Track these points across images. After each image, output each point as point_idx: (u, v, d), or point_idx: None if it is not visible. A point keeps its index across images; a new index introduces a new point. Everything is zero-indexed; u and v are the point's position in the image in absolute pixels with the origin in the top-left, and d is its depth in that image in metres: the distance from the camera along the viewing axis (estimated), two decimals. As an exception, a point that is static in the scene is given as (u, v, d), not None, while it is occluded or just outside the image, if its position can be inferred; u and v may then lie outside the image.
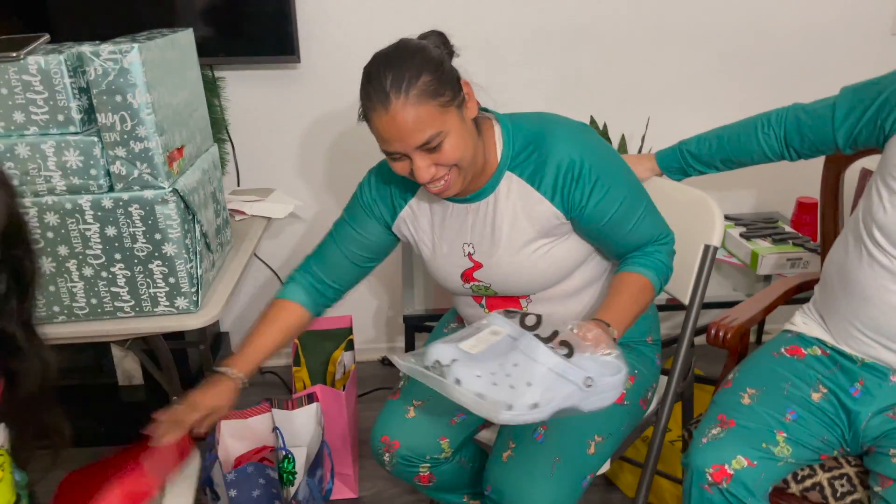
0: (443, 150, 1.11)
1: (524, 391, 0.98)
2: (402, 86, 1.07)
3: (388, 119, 1.08)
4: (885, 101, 1.21)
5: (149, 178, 1.23)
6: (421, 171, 1.12)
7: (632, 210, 1.25)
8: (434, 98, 1.09)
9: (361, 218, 1.34)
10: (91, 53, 1.15)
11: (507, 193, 1.23)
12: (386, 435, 1.34)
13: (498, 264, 1.26)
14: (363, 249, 1.35)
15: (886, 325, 1.22)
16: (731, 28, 2.13)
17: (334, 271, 1.35)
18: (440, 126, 1.10)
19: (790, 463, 1.21)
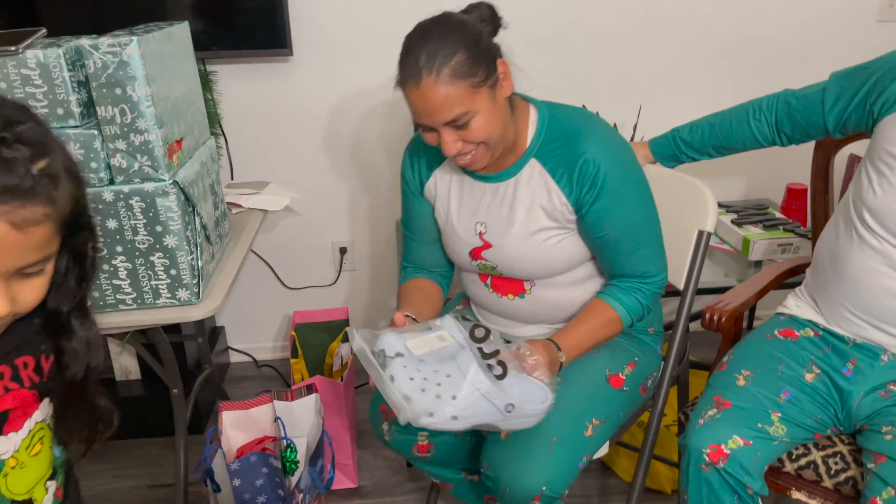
0: (470, 128, 1.15)
1: (447, 403, 1.03)
2: (435, 64, 1.10)
3: (418, 94, 1.12)
4: (874, 85, 1.24)
5: (149, 170, 1.23)
6: (447, 145, 1.17)
7: (631, 238, 1.27)
8: (465, 78, 1.11)
9: (411, 200, 1.40)
10: (90, 47, 1.15)
11: (528, 179, 1.27)
12: (384, 405, 1.34)
13: (507, 247, 1.29)
14: (427, 233, 1.42)
15: (877, 306, 1.25)
16: (721, 16, 2.15)
17: (427, 260, 1.45)
18: (468, 106, 1.13)
19: (785, 442, 1.23)
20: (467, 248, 1.33)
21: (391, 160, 2.25)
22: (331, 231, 2.34)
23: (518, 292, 1.35)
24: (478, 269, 1.36)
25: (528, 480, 1.20)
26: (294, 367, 1.98)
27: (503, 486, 1.22)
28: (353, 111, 2.17)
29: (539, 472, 1.20)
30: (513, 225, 1.28)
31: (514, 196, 1.28)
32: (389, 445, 1.38)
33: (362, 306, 2.48)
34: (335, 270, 2.39)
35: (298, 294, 2.42)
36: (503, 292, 1.37)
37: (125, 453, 2.06)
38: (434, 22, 1.16)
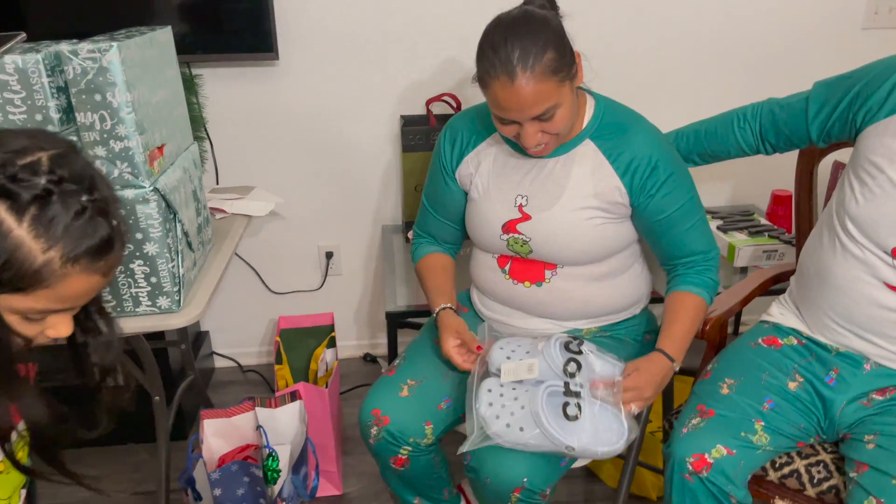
0: (554, 120, 1.19)
1: (514, 433, 1.17)
2: (530, 61, 1.13)
3: (511, 91, 1.14)
4: (857, 95, 1.24)
5: (129, 177, 1.22)
6: (529, 138, 1.20)
7: (689, 214, 1.34)
8: (556, 74, 1.15)
9: (441, 177, 1.44)
10: (69, 52, 1.13)
11: (581, 158, 1.31)
12: (378, 408, 1.35)
13: (548, 220, 1.31)
14: (448, 212, 1.48)
15: (859, 314, 1.25)
16: (707, 23, 2.15)
17: (440, 234, 1.53)
18: (556, 99, 1.17)
19: (768, 451, 1.23)
20: (502, 220, 1.35)
21: (378, 164, 2.24)
22: (317, 235, 2.33)
23: (537, 280, 1.37)
24: (506, 245, 1.36)
25: (510, 472, 1.22)
26: (278, 374, 1.97)
27: (484, 476, 1.24)
28: (340, 115, 2.16)
29: (520, 464, 1.22)
30: (559, 199, 1.31)
31: (565, 172, 1.31)
32: (371, 449, 1.38)
33: (349, 311, 2.47)
34: (321, 275, 2.38)
35: (284, 299, 2.41)
36: (520, 279, 1.38)
37: (108, 459, 2.04)
38: (520, 18, 1.17)
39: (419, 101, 2.15)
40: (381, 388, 1.39)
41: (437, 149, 1.45)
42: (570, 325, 1.42)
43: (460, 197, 1.45)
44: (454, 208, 1.47)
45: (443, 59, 2.12)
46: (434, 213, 1.51)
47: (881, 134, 1.19)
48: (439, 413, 1.37)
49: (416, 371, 1.40)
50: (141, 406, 2.01)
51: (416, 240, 1.58)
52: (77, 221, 0.73)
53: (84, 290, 0.77)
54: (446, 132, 1.44)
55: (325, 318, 2.21)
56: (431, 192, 1.50)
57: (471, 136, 1.40)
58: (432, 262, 1.51)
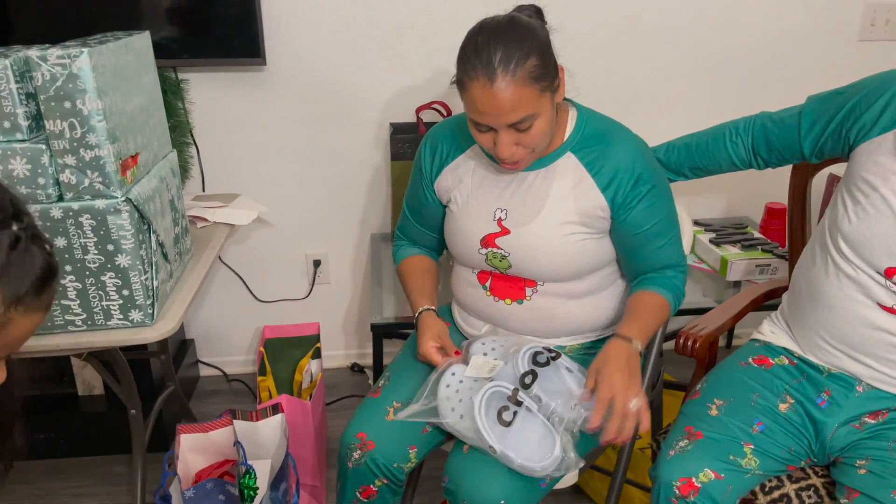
0: (530, 132, 1.16)
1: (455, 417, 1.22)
2: (511, 65, 1.10)
3: (489, 93, 1.11)
4: (850, 111, 1.21)
5: (100, 187, 1.18)
6: (503, 147, 1.17)
7: (666, 230, 1.32)
8: (537, 82, 1.13)
9: (421, 188, 1.42)
10: (38, 58, 1.10)
11: (562, 172, 1.28)
12: (363, 432, 1.31)
13: (527, 235, 1.29)
14: (428, 222, 1.47)
15: (852, 335, 1.22)
16: (702, 33, 2.13)
17: (419, 240, 1.52)
18: (535, 109, 1.14)
19: (758, 475, 1.20)
20: (481, 234, 1.32)
21: (366, 172, 2.20)
22: (304, 243, 2.29)
23: (518, 297, 1.35)
24: (485, 260, 1.34)
25: (487, 493, 1.18)
26: (261, 385, 1.93)
27: (461, 498, 1.21)
28: (328, 122, 2.13)
29: (498, 485, 1.18)
30: (538, 213, 1.28)
31: (545, 186, 1.29)
32: (346, 472, 1.33)
33: (336, 320, 2.43)
34: (309, 283, 2.35)
35: (271, 307, 2.37)
36: (501, 296, 1.36)
37: (87, 471, 2.00)
38: (506, 23, 1.15)
39: (409, 109, 2.12)
40: (367, 412, 1.35)
41: (417, 158, 1.43)
42: (552, 343, 1.39)
43: (438, 209, 1.43)
44: (433, 219, 1.46)
45: (433, 66, 2.09)
46: (413, 221, 1.49)
47: (874, 152, 1.16)
48: (424, 436, 1.33)
49: (400, 392, 1.36)
50: (119, 417, 1.99)
51: (397, 242, 1.56)
52: (13, 255, 0.65)
53: (28, 332, 0.71)
54: (427, 142, 1.41)
55: (311, 328, 2.17)
56: (411, 200, 1.48)
57: (451, 148, 1.38)
58: (414, 263, 1.50)
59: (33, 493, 1.92)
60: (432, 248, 1.54)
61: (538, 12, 1.22)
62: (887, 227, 1.15)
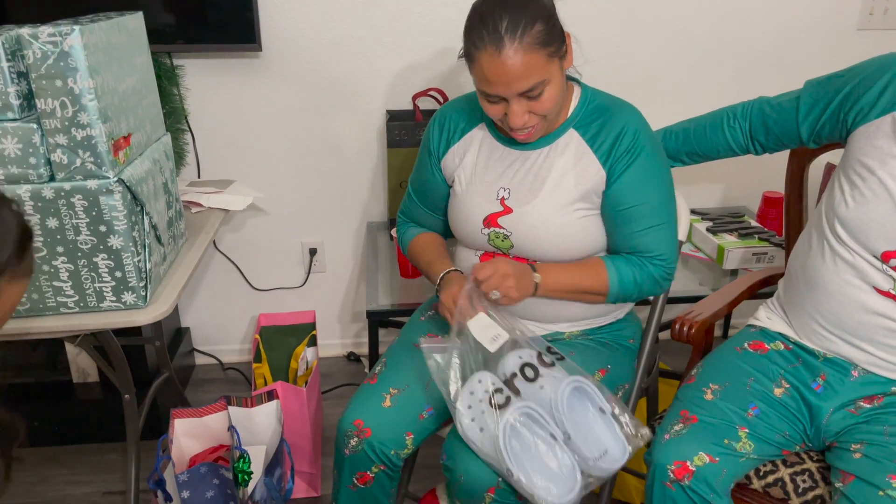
0: (541, 98, 1.15)
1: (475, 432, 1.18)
2: (518, 31, 1.09)
3: (498, 62, 1.10)
4: (848, 95, 1.20)
5: (92, 167, 1.17)
6: (516, 117, 1.16)
7: (651, 215, 1.27)
8: (544, 47, 1.11)
9: (429, 168, 1.40)
10: (29, 36, 1.09)
11: (563, 149, 1.27)
12: (360, 419, 1.30)
13: (529, 214, 1.28)
14: (434, 202, 1.44)
15: (848, 320, 1.22)
16: (700, 21, 2.12)
17: (424, 223, 1.50)
18: (545, 75, 1.13)
19: (752, 459, 1.19)
20: (484, 213, 1.31)
21: (362, 160, 2.19)
22: (301, 231, 2.28)
23: None
24: (487, 240, 1.33)
25: (484, 471, 1.18)
26: (256, 372, 1.93)
27: (459, 474, 1.21)
28: (324, 109, 2.12)
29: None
30: (540, 191, 1.27)
31: (547, 164, 1.28)
32: (342, 459, 1.33)
33: (332, 309, 2.42)
34: (304, 272, 2.34)
35: (267, 295, 2.36)
36: None
37: (81, 458, 1.99)
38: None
39: (405, 96, 2.11)
40: (364, 398, 1.34)
41: (426, 136, 1.41)
42: (552, 328, 1.38)
43: (444, 188, 1.41)
44: (439, 200, 1.44)
45: (429, 53, 2.08)
46: (419, 204, 1.47)
47: (872, 135, 1.16)
48: (421, 423, 1.33)
49: (397, 379, 1.35)
50: (114, 404, 1.98)
51: (401, 225, 1.54)
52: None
53: (16, 302, 0.70)
54: (435, 121, 1.40)
55: (307, 317, 2.17)
56: (417, 180, 1.46)
57: (458, 125, 1.36)
58: (425, 240, 1.47)
59: (28, 480, 1.92)
60: (436, 229, 1.52)
61: None
62: (885, 211, 1.14)
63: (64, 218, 1.19)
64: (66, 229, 1.20)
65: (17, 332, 1.25)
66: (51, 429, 2.02)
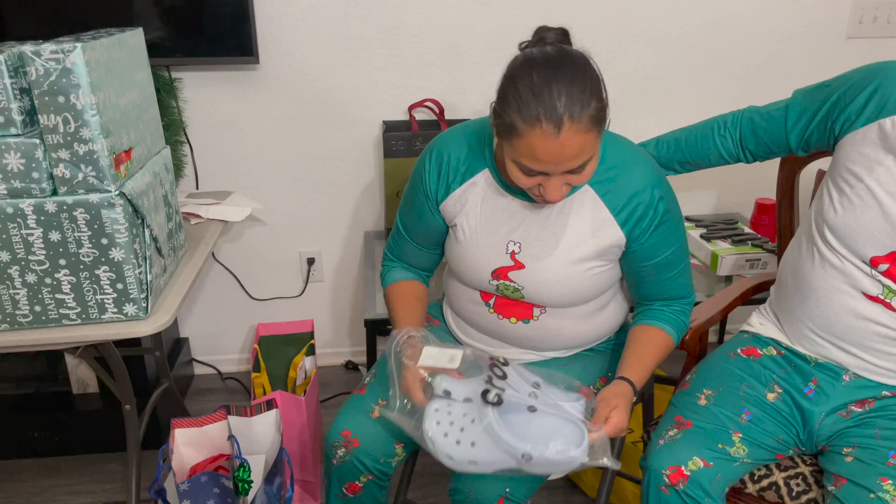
0: (583, 172, 1.10)
1: (466, 450, 1.11)
2: (577, 112, 1.01)
3: (554, 143, 1.02)
4: (835, 103, 1.23)
5: (94, 181, 1.19)
6: (555, 191, 1.10)
7: (678, 260, 1.28)
8: (598, 126, 1.05)
9: (421, 207, 1.33)
10: (32, 53, 1.11)
11: (580, 206, 1.22)
12: (348, 430, 1.30)
13: (542, 271, 1.24)
14: (428, 239, 1.38)
15: (838, 325, 1.24)
16: (692, 32, 2.15)
17: (416, 260, 1.43)
18: (592, 151, 1.07)
19: (746, 463, 1.21)
20: (492, 266, 1.27)
21: (359, 170, 2.21)
22: (298, 241, 2.30)
23: (524, 317, 1.31)
24: (495, 289, 1.29)
25: (491, 483, 1.18)
26: (255, 381, 1.94)
27: (467, 491, 1.21)
28: (321, 120, 2.14)
29: (501, 476, 1.18)
30: (556, 248, 1.23)
31: (561, 220, 1.23)
32: (331, 470, 1.33)
33: (330, 318, 2.44)
34: (302, 281, 2.35)
35: (265, 305, 2.38)
36: (506, 315, 1.32)
37: (82, 469, 2.00)
38: (558, 60, 1.04)
39: (401, 107, 2.14)
40: (352, 409, 1.34)
41: (419, 174, 1.32)
42: (550, 355, 1.39)
43: (443, 227, 1.35)
44: (436, 236, 1.37)
45: (425, 64, 2.10)
46: (410, 240, 1.40)
47: (859, 143, 1.18)
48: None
49: (386, 390, 1.35)
50: (114, 415, 1.99)
51: (386, 263, 1.47)
52: None
53: None
54: (431, 157, 1.30)
55: (305, 326, 2.18)
56: (408, 218, 1.37)
57: (459, 169, 1.28)
58: (404, 289, 1.41)
59: (28, 491, 1.92)
60: (427, 267, 1.45)
61: (567, 35, 1.12)
62: (872, 217, 1.16)
63: (66, 231, 1.21)
64: (68, 242, 1.22)
65: (20, 343, 1.27)
66: (51, 440, 2.03)
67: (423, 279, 1.46)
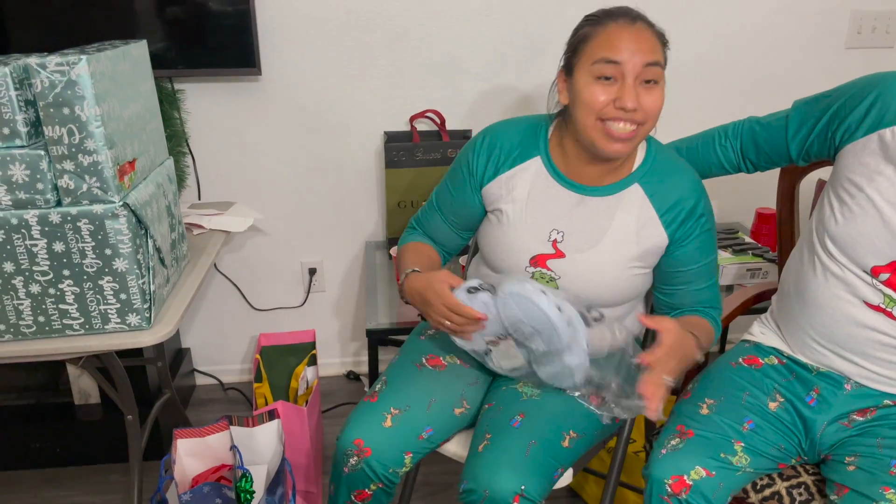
0: (654, 93, 1.16)
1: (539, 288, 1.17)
2: (648, 21, 1.17)
3: (631, 29, 1.14)
4: (835, 113, 1.23)
5: (98, 192, 1.20)
6: (629, 95, 1.14)
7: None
8: (663, 48, 1.18)
9: (460, 180, 1.36)
10: (37, 65, 1.12)
11: (628, 204, 1.26)
12: (360, 439, 1.29)
13: (583, 262, 1.27)
14: (459, 218, 1.40)
15: (840, 333, 1.24)
16: (693, 42, 2.16)
17: (439, 236, 1.45)
18: (662, 70, 1.17)
19: (749, 472, 1.21)
20: (531, 252, 1.29)
21: (360, 180, 2.22)
22: (300, 251, 2.31)
23: None
24: (530, 276, 1.30)
25: (507, 479, 1.18)
26: (257, 392, 1.94)
27: (482, 489, 1.19)
28: (323, 131, 2.15)
29: (517, 471, 1.18)
30: (599, 243, 1.26)
31: (610, 215, 1.26)
32: (341, 477, 1.33)
33: (332, 328, 2.44)
34: (304, 291, 2.36)
35: (266, 315, 2.38)
36: None
37: (83, 479, 2.00)
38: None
39: (403, 117, 2.15)
40: (364, 417, 1.33)
41: (468, 155, 1.35)
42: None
43: (479, 211, 1.38)
44: (469, 220, 1.40)
45: (427, 75, 2.12)
46: (440, 212, 1.43)
47: (859, 153, 1.19)
48: (420, 443, 1.32)
49: (399, 398, 1.34)
50: (116, 425, 1.99)
51: (408, 230, 1.49)
52: None
53: None
54: (483, 140, 1.34)
55: (307, 336, 2.18)
56: (446, 196, 1.41)
57: (511, 153, 1.32)
58: (420, 247, 1.43)
59: (30, 502, 1.92)
60: (447, 245, 1.47)
61: None
62: (873, 227, 1.17)
63: (70, 242, 1.21)
64: (72, 253, 1.22)
65: (24, 354, 1.27)
66: (52, 450, 2.03)
67: (442, 254, 1.47)
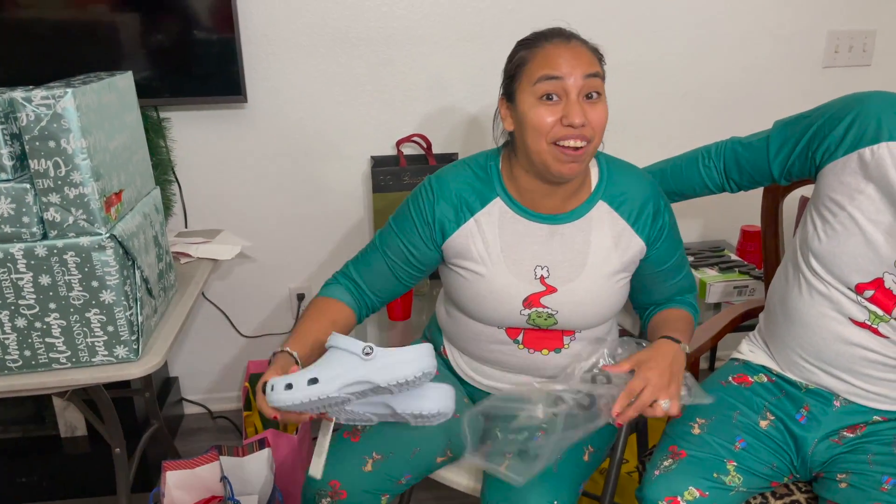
0: (598, 108, 1.16)
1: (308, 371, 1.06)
2: (581, 37, 1.19)
3: (566, 48, 1.16)
4: (815, 134, 1.25)
5: (85, 224, 1.19)
6: (576, 112, 1.13)
7: (684, 262, 1.36)
8: (600, 63, 1.19)
9: (411, 229, 1.28)
10: (23, 99, 1.12)
11: (598, 223, 1.27)
12: (337, 480, 1.24)
13: (575, 290, 1.26)
14: (409, 265, 1.30)
15: (827, 351, 1.25)
16: (672, 64, 2.19)
17: (377, 282, 1.32)
18: (602, 83, 1.17)
19: (742, 492, 1.21)
20: (522, 294, 1.25)
21: (347, 205, 2.23)
22: (288, 277, 2.30)
23: (555, 347, 1.31)
24: (527, 319, 1.27)
25: (539, 495, 1.18)
26: (247, 420, 1.92)
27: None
28: (309, 157, 2.16)
29: (548, 486, 1.19)
30: (584, 267, 1.26)
31: (586, 238, 1.27)
32: None
33: (321, 354, 2.43)
34: (292, 317, 2.35)
35: (255, 342, 2.37)
36: (537, 348, 1.31)
37: (70, 514, 1.97)
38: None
39: (389, 142, 2.16)
40: (343, 457, 1.26)
41: (419, 203, 1.28)
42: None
43: (434, 256, 1.30)
44: (413, 263, 1.30)
45: (412, 99, 2.13)
46: (387, 261, 1.31)
47: (840, 172, 1.20)
48: (398, 486, 1.29)
49: (383, 443, 1.28)
50: (103, 458, 1.96)
51: (337, 276, 1.35)
52: None
53: None
54: (436, 192, 1.27)
55: (296, 362, 2.16)
56: (395, 241, 1.30)
57: (468, 200, 1.26)
58: (322, 304, 1.29)
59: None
60: (381, 292, 1.34)
61: None
62: (856, 245, 1.18)
63: (56, 275, 1.21)
64: (58, 286, 1.21)
65: (9, 389, 1.25)
66: (39, 484, 1.99)
67: (362, 310, 1.34)
